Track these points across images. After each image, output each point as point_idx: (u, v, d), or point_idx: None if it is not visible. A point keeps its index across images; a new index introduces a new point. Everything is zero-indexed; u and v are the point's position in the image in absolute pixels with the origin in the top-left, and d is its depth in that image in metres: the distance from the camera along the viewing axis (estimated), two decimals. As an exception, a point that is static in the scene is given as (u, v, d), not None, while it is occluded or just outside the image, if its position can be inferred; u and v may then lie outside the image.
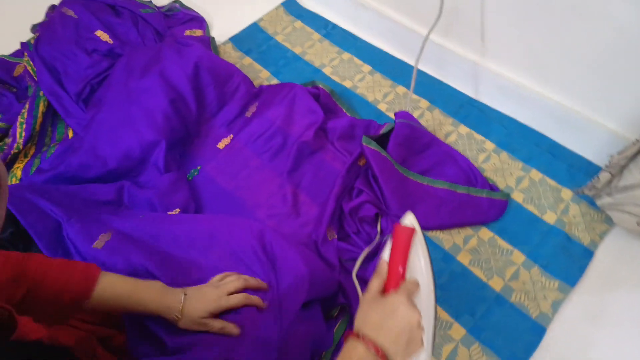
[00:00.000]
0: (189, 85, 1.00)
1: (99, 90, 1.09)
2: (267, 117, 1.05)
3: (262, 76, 1.21)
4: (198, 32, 1.30)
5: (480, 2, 0.97)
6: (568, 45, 0.89)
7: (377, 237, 0.89)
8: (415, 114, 1.11)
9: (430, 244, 0.90)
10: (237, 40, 1.29)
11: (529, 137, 1.05)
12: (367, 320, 0.53)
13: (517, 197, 0.97)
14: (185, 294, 0.66)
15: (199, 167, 1.00)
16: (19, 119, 1.03)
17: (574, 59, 0.90)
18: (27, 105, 1.04)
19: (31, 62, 1.12)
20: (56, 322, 0.58)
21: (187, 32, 1.30)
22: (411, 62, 1.20)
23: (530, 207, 0.95)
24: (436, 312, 0.57)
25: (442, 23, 1.07)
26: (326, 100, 1.06)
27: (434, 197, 0.94)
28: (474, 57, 1.09)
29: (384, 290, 0.57)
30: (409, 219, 0.60)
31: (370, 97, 1.15)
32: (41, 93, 1.06)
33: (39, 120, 1.05)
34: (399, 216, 0.90)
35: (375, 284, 0.57)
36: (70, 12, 1.18)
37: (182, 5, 1.37)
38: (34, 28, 1.25)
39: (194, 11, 1.35)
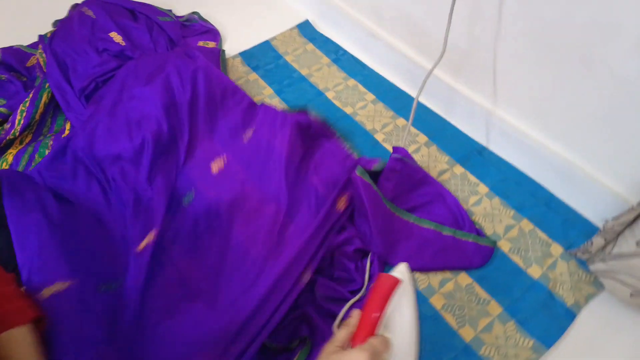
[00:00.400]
0: (183, 97, 1.00)
1: (102, 88, 1.11)
2: (262, 144, 0.99)
3: (265, 93, 1.22)
4: (211, 44, 1.33)
5: (490, 45, 0.95)
6: (577, 98, 0.86)
7: (364, 287, 0.84)
8: (412, 148, 1.09)
9: (404, 283, 0.87)
10: (247, 55, 1.31)
11: (525, 186, 1.02)
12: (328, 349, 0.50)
13: (504, 245, 0.92)
14: None
15: (193, 190, 0.93)
16: (21, 107, 1.05)
17: (581, 112, 0.87)
18: (30, 95, 1.07)
19: (44, 55, 1.15)
20: None
21: (200, 43, 1.32)
22: (419, 99, 1.18)
23: (516, 258, 0.90)
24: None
25: (451, 62, 1.06)
26: (318, 128, 1.03)
27: (418, 237, 0.91)
28: (479, 99, 1.07)
29: (352, 342, 0.53)
30: (400, 270, 0.55)
31: (368, 126, 1.14)
32: (47, 85, 1.09)
33: (40, 110, 1.07)
34: (381, 254, 0.87)
35: (342, 334, 0.53)
36: (89, 12, 1.22)
37: (200, 17, 1.40)
38: (55, 23, 1.30)
39: (211, 24, 1.38)
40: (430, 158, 1.07)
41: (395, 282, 0.53)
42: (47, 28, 1.30)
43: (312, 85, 1.23)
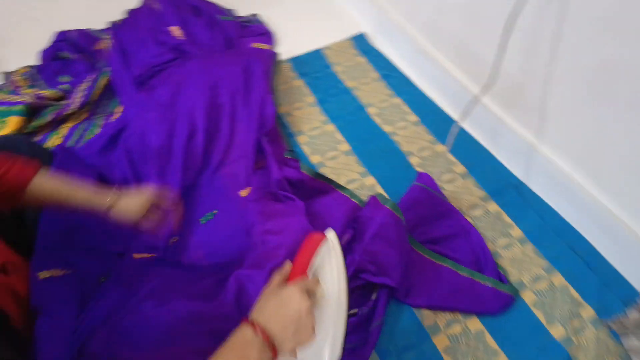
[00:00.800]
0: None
1: (155, 78, 1.16)
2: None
3: (307, 100, 1.22)
4: (266, 46, 1.35)
5: (543, 80, 0.89)
6: (632, 149, 0.77)
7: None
8: (446, 177, 1.04)
9: (409, 316, 0.82)
10: (297, 61, 1.32)
11: (565, 236, 0.93)
12: (261, 309, 0.55)
13: (528, 297, 0.85)
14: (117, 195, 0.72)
15: (215, 212, 0.94)
16: (81, 86, 1.13)
17: (635, 167, 0.78)
18: (92, 77, 1.15)
19: (110, 40, 1.23)
20: None
21: (255, 44, 1.35)
22: (464, 125, 1.13)
23: (539, 313, 0.83)
24: (347, 319, 0.58)
25: (501, 91, 1.00)
26: (312, 183, 0.98)
27: (433, 274, 0.85)
28: (527, 134, 1.00)
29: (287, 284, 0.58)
30: (330, 233, 0.63)
31: (405, 147, 1.10)
32: (107, 69, 1.17)
33: (98, 92, 1.14)
34: (395, 288, 0.82)
35: (277, 278, 0.59)
36: (157, 5, 1.29)
37: (259, 19, 1.43)
38: (126, 12, 1.38)
39: (268, 27, 1.41)
40: (465, 191, 1.02)
41: (322, 237, 0.62)
42: (120, 16, 1.39)
43: (356, 99, 1.22)
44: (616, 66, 0.74)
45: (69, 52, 1.24)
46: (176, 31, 1.25)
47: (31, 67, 1.20)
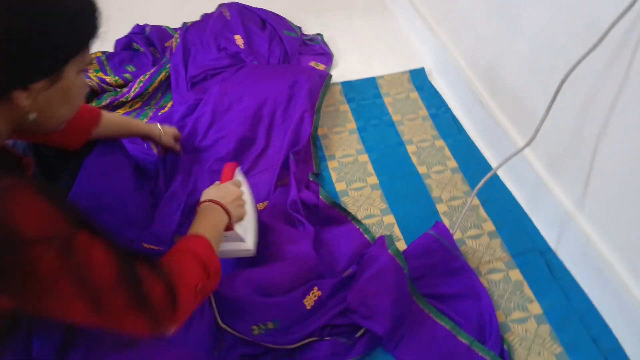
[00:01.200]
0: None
1: (208, 80, 1.22)
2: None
3: (348, 126, 1.21)
4: (321, 67, 1.37)
5: (593, 149, 0.81)
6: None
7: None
8: (472, 232, 0.98)
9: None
10: (349, 85, 1.32)
11: (589, 324, 0.84)
12: (208, 194, 0.76)
13: (529, 383, 0.77)
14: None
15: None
16: (141, 77, 1.22)
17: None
18: (152, 70, 1.23)
19: (178, 39, 1.31)
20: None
21: (312, 63, 1.37)
22: (504, 180, 1.06)
23: (538, 405, 0.75)
24: (256, 214, 0.87)
25: (548, 151, 0.93)
26: (328, 211, 0.97)
27: (429, 331, 0.80)
28: (568, 203, 0.92)
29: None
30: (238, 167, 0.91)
31: (435, 192, 1.05)
32: (168, 66, 1.24)
33: (155, 85, 1.22)
34: (382, 336, 0.78)
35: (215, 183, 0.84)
36: (227, 13, 1.36)
37: (322, 39, 1.46)
38: (201, 16, 1.47)
39: (328, 48, 1.43)
40: (488, 251, 0.95)
41: (236, 164, 0.90)
42: (195, 18, 1.48)
43: (397, 133, 1.19)
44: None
45: (140, 44, 1.34)
46: (238, 40, 1.30)
47: (103, 52, 1.31)
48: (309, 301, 0.79)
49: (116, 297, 0.48)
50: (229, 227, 0.76)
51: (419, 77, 1.35)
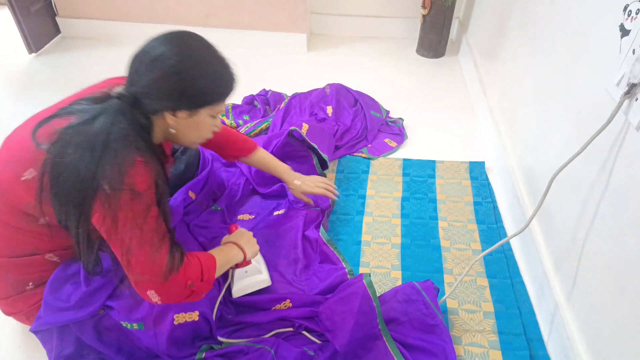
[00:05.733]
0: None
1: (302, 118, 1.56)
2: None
3: (394, 194, 1.38)
4: (393, 144, 1.59)
5: (579, 253, 0.87)
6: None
7: None
8: (467, 307, 1.04)
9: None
10: (409, 163, 1.50)
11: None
12: (228, 238, 1.01)
13: None
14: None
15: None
16: (248, 124, 1.60)
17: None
18: (257, 120, 1.61)
19: (285, 103, 1.69)
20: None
21: (386, 140, 1.61)
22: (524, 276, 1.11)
23: None
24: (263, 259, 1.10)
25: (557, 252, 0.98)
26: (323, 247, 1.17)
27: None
28: (559, 298, 0.94)
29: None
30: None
31: (448, 265, 1.15)
32: (270, 120, 1.61)
33: (256, 132, 1.58)
34: (337, 348, 0.90)
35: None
36: (328, 90, 1.70)
37: (402, 123, 1.69)
38: (311, 90, 1.84)
39: (404, 130, 1.65)
40: (477, 326, 1.00)
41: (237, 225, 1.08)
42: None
43: (435, 210, 1.32)
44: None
45: (259, 102, 1.75)
46: (329, 110, 1.62)
47: (232, 104, 1.75)
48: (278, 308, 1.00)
49: (142, 249, 0.74)
50: (246, 263, 0.99)
51: (476, 169, 1.47)
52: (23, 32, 2.06)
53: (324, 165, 1.39)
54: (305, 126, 1.41)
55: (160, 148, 0.91)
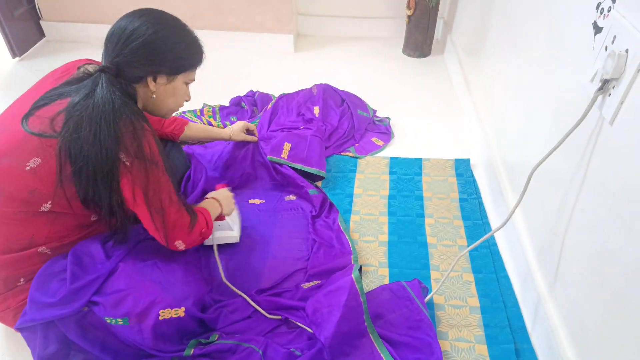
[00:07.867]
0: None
1: (282, 135, 1.55)
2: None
3: (381, 192, 1.39)
4: (380, 142, 1.61)
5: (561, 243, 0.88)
6: None
7: None
8: (454, 302, 1.06)
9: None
10: (396, 161, 1.51)
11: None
12: (210, 194, 1.11)
13: None
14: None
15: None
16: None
17: None
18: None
19: (272, 103, 1.69)
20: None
21: (373, 139, 1.62)
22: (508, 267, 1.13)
23: None
24: (240, 215, 1.23)
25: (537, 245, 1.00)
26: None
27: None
28: (542, 290, 0.96)
29: None
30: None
31: (435, 261, 1.16)
32: (257, 120, 1.61)
33: (244, 133, 1.59)
34: (325, 348, 0.91)
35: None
36: (314, 90, 1.71)
37: (389, 122, 1.71)
38: (297, 91, 1.85)
39: (391, 129, 1.66)
40: (463, 321, 1.02)
41: (226, 185, 1.19)
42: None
43: (422, 207, 1.33)
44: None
45: (247, 104, 1.75)
46: (316, 110, 1.63)
47: (219, 105, 1.75)
48: None
49: (171, 206, 0.87)
50: (221, 218, 1.09)
51: (462, 166, 1.49)
52: (6, 36, 2.04)
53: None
54: (287, 146, 1.43)
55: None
